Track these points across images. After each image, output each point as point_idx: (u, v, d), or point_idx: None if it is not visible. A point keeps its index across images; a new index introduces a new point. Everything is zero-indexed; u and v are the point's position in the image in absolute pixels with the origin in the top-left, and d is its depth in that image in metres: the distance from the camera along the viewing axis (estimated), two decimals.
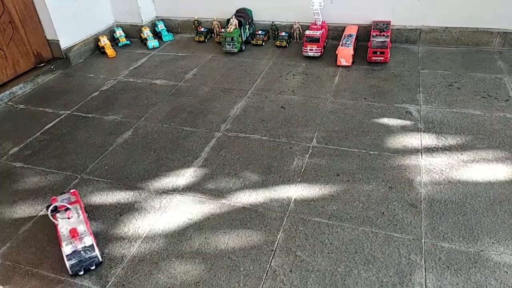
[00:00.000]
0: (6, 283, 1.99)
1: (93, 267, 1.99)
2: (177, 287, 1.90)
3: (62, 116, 3.37)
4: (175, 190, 2.48)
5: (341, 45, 3.80)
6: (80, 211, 2.13)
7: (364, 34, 4.11)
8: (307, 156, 2.67)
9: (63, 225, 2.04)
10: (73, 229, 1.99)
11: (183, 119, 3.20)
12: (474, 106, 3.04)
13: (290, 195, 2.36)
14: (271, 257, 2.00)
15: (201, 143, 2.89)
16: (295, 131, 2.93)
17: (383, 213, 2.20)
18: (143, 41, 4.65)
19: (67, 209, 2.09)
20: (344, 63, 3.78)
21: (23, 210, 2.42)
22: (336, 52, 3.80)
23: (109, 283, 1.94)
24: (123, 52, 4.55)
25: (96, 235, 2.18)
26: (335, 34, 4.29)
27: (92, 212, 2.36)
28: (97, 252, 1.98)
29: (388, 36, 3.78)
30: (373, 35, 3.81)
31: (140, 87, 3.74)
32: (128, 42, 4.73)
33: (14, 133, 3.18)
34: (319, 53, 3.94)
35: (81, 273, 1.97)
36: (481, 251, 1.94)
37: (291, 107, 3.23)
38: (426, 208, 2.20)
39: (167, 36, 4.75)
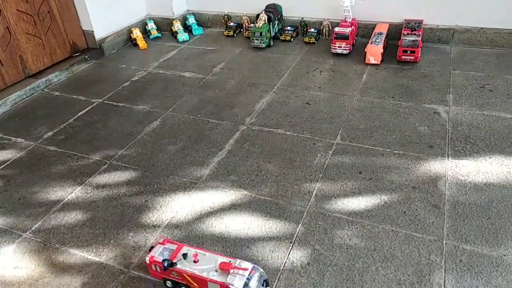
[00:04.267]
0: (36, 258, 2.10)
1: (268, 287, 1.81)
2: None
3: (94, 104, 3.50)
4: (198, 180, 2.54)
5: (371, 43, 3.76)
6: (196, 250, 1.87)
7: (395, 32, 4.04)
8: (330, 152, 2.67)
9: (200, 268, 1.78)
10: (222, 264, 1.75)
11: (209, 111, 3.26)
12: (506, 109, 2.96)
13: (311, 190, 2.38)
14: (289, 249, 2.03)
15: (226, 135, 2.94)
16: (319, 127, 2.94)
17: (405, 212, 2.18)
18: (174, 34, 4.74)
19: (185, 254, 1.84)
20: (373, 61, 3.74)
21: (55, 192, 2.54)
22: (365, 50, 3.76)
23: (133, 264, 2.02)
24: (154, 44, 4.66)
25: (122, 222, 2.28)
26: (365, 31, 4.24)
27: (120, 197, 2.45)
28: (261, 269, 1.79)
29: (419, 35, 3.71)
30: (404, 34, 3.75)
31: (169, 79, 3.83)
32: (159, 34, 4.83)
33: (49, 119, 3.33)
34: (347, 51, 3.92)
35: None
36: (504, 255, 1.90)
37: (317, 103, 3.24)
38: (449, 209, 2.17)
39: (197, 30, 4.82)
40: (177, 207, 2.35)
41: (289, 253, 2.01)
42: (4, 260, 2.11)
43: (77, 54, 4.28)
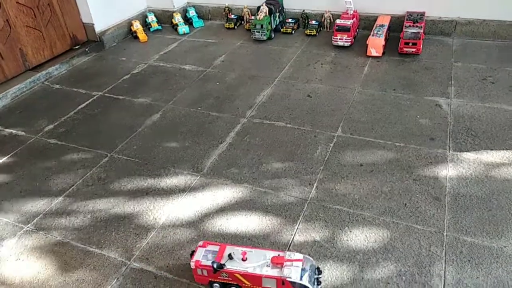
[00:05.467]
0: (38, 251, 2.11)
1: (320, 275, 1.76)
2: None
3: (95, 97, 3.50)
4: (199, 172, 2.54)
5: (372, 35, 3.74)
6: (241, 248, 1.83)
7: (396, 24, 4.01)
8: (331, 145, 2.67)
9: (252, 266, 1.73)
10: (274, 258, 1.73)
11: (210, 104, 3.25)
12: (508, 101, 2.94)
13: (312, 183, 2.38)
14: (290, 241, 2.04)
15: (227, 128, 2.93)
16: (320, 120, 2.93)
17: (406, 204, 2.18)
18: (174, 27, 4.72)
19: (230, 255, 1.78)
20: (374, 53, 3.72)
21: (56, 184, 2.55)
22: (367, 42, 3.74)
23: (134, 256, 2.03)
24: (155, 37, 4.64)
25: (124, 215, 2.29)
26: (366, 24, 4.21)
27: (121, 189, 2.46)
28: (310, 257, 1.79)
29: (421, 27, 3.68)
30: (405, 26, 3.72)
31: (170, 72, 3.81)
32: (160, 27, 4.81)
33: (49, 112, 3.33)
34: (349, 43, 3.89)
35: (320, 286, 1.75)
36: (505, 247, 1.90)
37: (318, 96, 3.23)
38: (450, 201, 2.17)
39: (197, 22, 4.80)
40: (179, 199, 2.35)
41: (290, 245, 2.01)
42: (6, 253, 2.12)
43: (77, 47, 4.27)
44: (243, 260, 1.75)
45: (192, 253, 1.84)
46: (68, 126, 3.12)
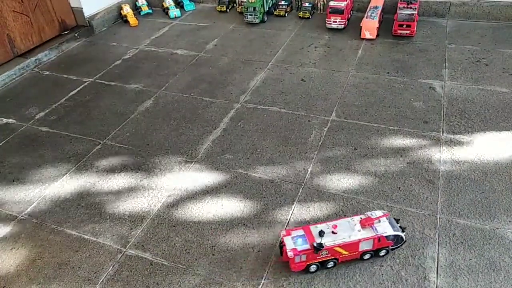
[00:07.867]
0: (32, 239, 2.10)
1: (398, 223, 1.84)
2: (193, 249, 1.97)
3: (86, 84, 3.44)
4: (193, 159, 2.53)
5: (366, 17, 3.70)
6: (323, 224, 1.83)
7: (390, 6, 3.97)
8: (326, 129, 2.66)
9: (347, 235, 1.77)
10: (363, 221, 1.79)
11: (203, 89, 3.21)
12: (501, 83, 2.94)
13: (307, 167, 2.38)
14: (285, 226, 2.05)
15: (220, 114, 2.91)
16: (314, 104, 2.92)
17: (399, 188, 2.20)
18: (165, 10, 4.63)
19: (321, 232, 1.76)
20: (368, 36, 3.69)
21: (49, 173, 2.52)
22: (361, 25, 3.70)
23: (130, 243, 2.03)
24: (145, 21, 4.55)
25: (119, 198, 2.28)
26: (360, 5, 4.16)
27: (114, 177, 2.44)
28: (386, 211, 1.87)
29: (415, 8, 3.65)
30: (399, 8, 3.68)
31: (161, 57, 3.76)
32: (150, 11, 4.72)
33: (40, 99, 3.27)
34: (343, 25, 3.85)
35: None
36: (497, 228, 1.93)
37: (312, 80, 3.20)
38: (443, 184, 2.19)
39: (189, 6, 4.71)
40: (173, 186, 2.35)
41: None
42: (0, 242, 2.11)
43: (66, 32, 4.18)
44: (333, 233, 1.77)
45: (281, 245, 1.82)
46: (60, 113, 3.08)
